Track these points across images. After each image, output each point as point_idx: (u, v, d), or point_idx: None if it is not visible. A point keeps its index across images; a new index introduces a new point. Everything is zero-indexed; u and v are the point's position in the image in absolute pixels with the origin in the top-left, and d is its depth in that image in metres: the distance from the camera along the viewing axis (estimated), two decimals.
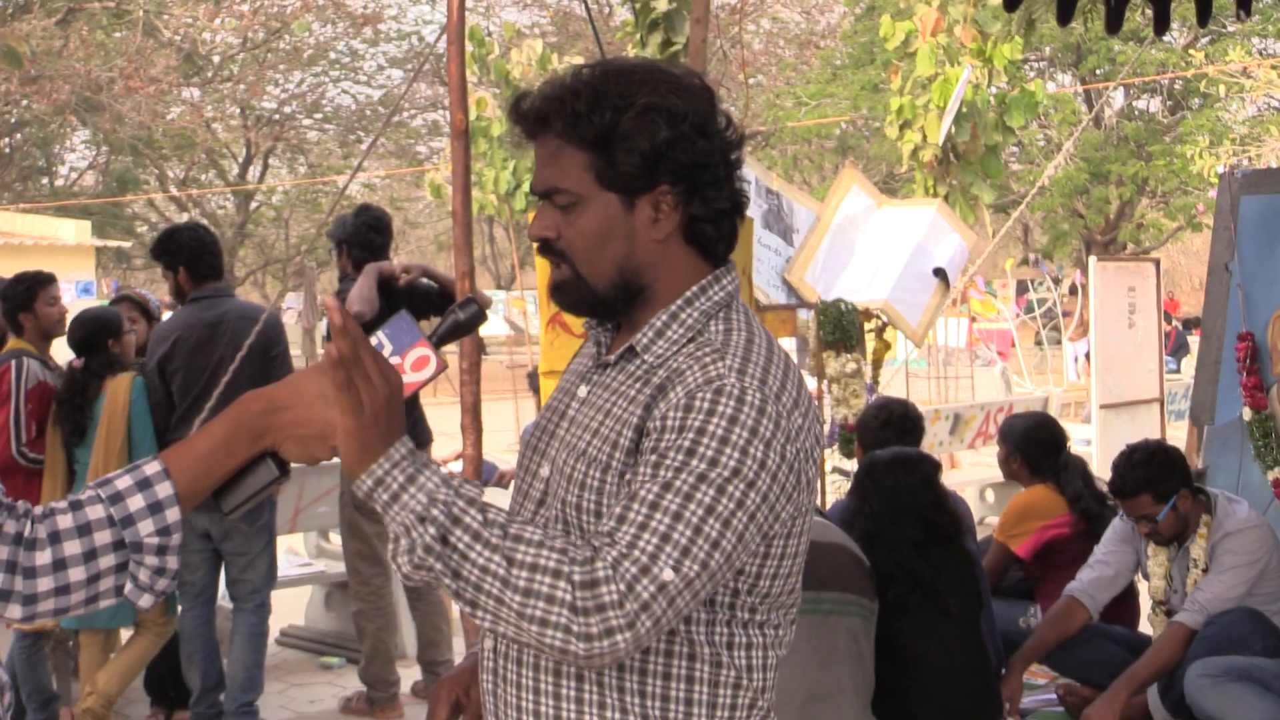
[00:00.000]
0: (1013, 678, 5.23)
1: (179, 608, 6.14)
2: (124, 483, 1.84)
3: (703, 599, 1.92)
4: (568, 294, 2.12)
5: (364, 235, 6.63)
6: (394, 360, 1.97)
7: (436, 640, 6.66)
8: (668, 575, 1.83)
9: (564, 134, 2.05)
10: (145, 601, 1.85)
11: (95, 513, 1.81)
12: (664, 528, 1.85)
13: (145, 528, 1.82)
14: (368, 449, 1.87)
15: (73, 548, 1.80)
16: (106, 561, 1.81)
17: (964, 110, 15.00)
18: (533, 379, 9.38)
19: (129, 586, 1.83)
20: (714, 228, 2.10)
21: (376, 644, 6.51)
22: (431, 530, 1.83)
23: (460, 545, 1.83)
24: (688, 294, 2.09)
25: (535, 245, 2.14)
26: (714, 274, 2.12)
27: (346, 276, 6.66)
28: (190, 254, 6.18)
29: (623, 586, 1.81)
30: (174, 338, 6.07)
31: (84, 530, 1.80)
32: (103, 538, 1.81)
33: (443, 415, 8.08)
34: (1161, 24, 6.53)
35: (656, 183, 2.05)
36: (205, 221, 32.43)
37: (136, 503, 1.82)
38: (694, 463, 1.89)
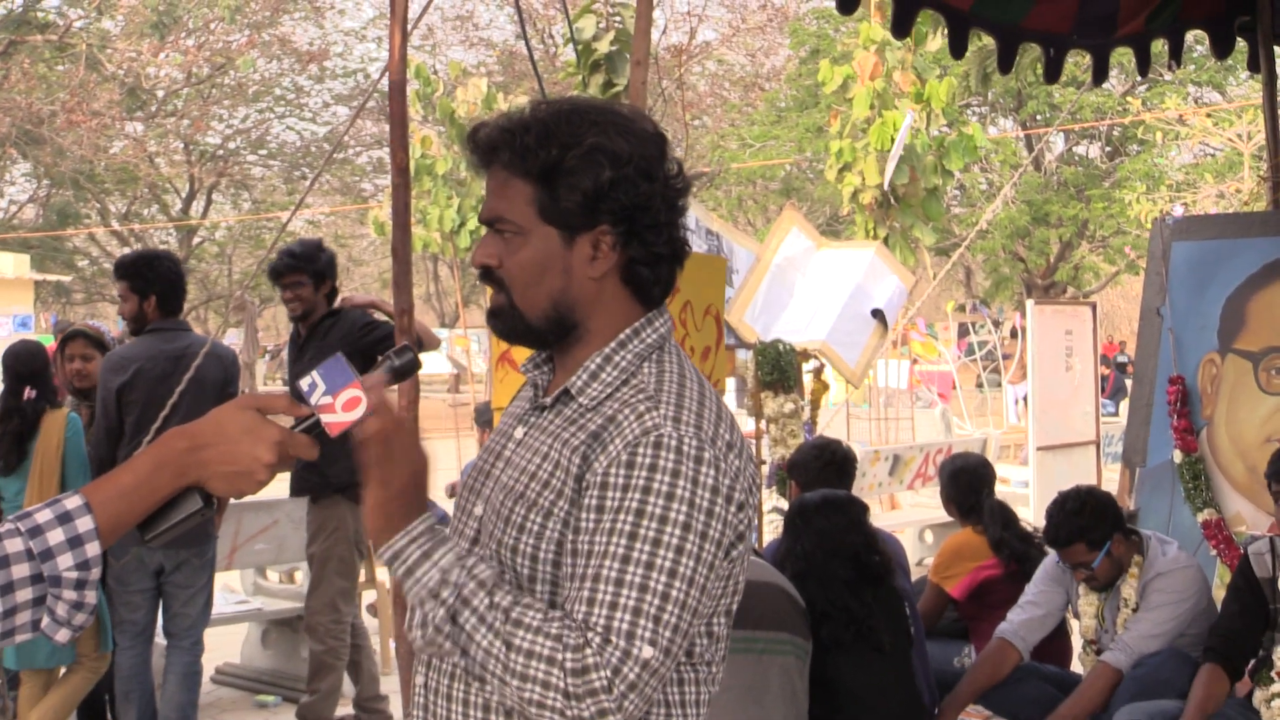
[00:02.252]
0: None
1: (113, 644, 6.09)
2: (44, 516, 1.82)
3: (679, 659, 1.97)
4: (502, 321, 2.15)
5: (332, 267, 6.62)
6: (325, 400, 1.98)
7: (376, 675, 6.68)
8: (648, 653, 1.88)
9: (511, 166, 2.09)
10: (62, 636, 1.82)
11: (13, 546, 1.79)
12: (634, 602, 1.89)
13: (64, 562, 1.80)
14: (391, 522, 1.99)
15: None
16: (24, 595, 1.79)
17: (903, 153, 15.16)
18: (479, 414, 9.36)
19: (46, 621, 1.81)
20: (651, 271, 2.13)
21: (336, 682, 6.48)
22: (441, 611, 1.92)
23: (467, 627, 1.91)
24: (621, 336, 2.12)
25: (478, 271, 2.17)
26: (646, 317, 2.15)
27: (314, 311, 6.61)
28: (166, 285, 6.11)
29: (609, 672, 1.86)
30: (135, 368, 5.95)
31: (1, 564, 1.78)
32: (20, 571, 1.78)
33: None
34: (1100, 74, 6.65)
35: (597, 222, 2.07)
36: None
37: (56, 536, 1.80)
38: (644, 525, 1.92)
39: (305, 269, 6.51)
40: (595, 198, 2.06)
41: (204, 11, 31.22)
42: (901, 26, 6.01)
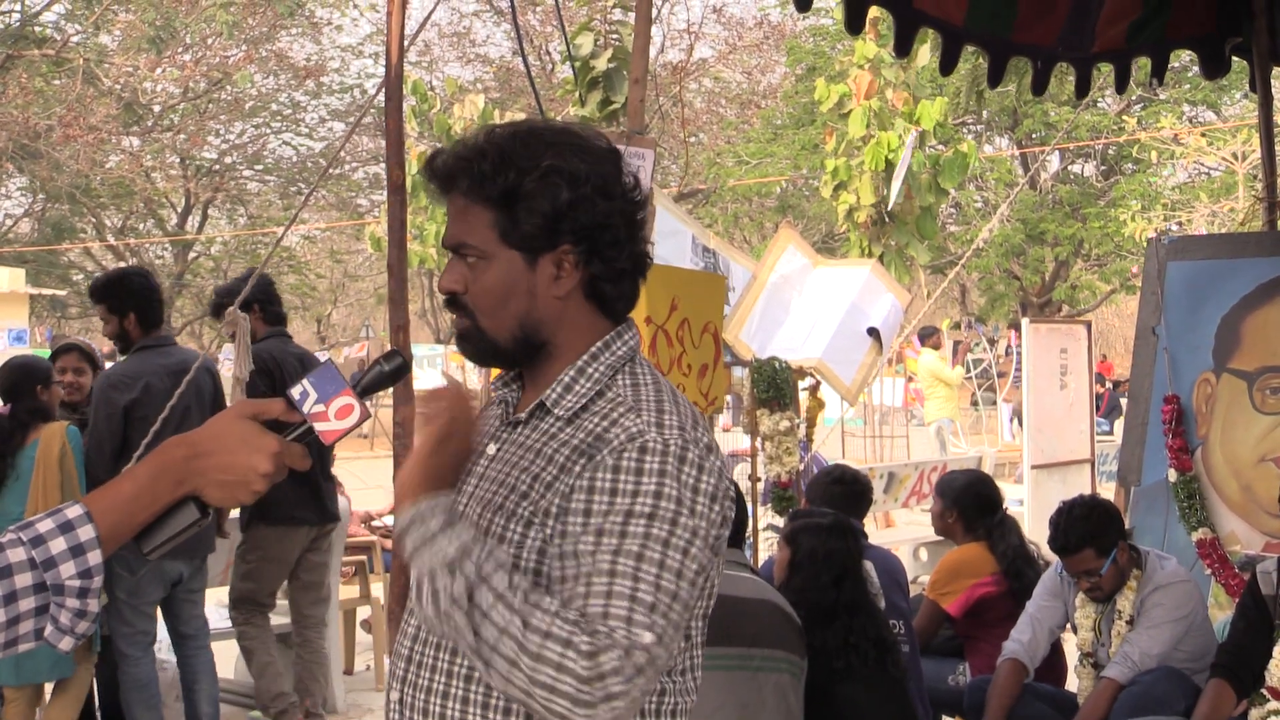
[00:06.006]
0: None
1: (114, 648, 6.14)
2: (46, 525, 1.83)
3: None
4: (470, 344, 2.19)
5: (267, 290, 6.69)
6: (318, 408, 1.98)
7: (312, 689, 6.83)
8: (648, 639, 1.89)
9: (470, 192, 2.12)
10: (65, 644, 1.83)
11: (16, 555, 1.80)
12: (628, 591, 1.90)
13: (67, 570, 1.81)
14: (423, 487, 2.00)
15: None
16: (27, 604, 1.80)
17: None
18: None
19: (49, 629, 1.82)
20: (614, 287, 2.17)
21: (263, 659, 6.68)
22: (461, 584, 1.89)
23: (483, 604, 1.88)
24: (592, 349, 2.15)
25: (444, 299, 2.20)
26: (616, 330, 2.19)
27: (264, 338, 6.67)
28: (141, 300, 6.18)
29: (619, 655, 1.86)
30: (144, 383, 6.01)
31: (4, 573, 1.78)
32: (23, 580, 1.79)
33: (379, 468, 8.05)
34: (1082, 89, 6.72)
35: (558, 242, 2.11)
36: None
37: (58, 545, 1.81)
38: (633, 523, 1.95)
39: (227, 304, 6.48)
40: (555, 219, 2.09)
41: (201, 27, 31.21)
42: (903, 46, 6.07)
